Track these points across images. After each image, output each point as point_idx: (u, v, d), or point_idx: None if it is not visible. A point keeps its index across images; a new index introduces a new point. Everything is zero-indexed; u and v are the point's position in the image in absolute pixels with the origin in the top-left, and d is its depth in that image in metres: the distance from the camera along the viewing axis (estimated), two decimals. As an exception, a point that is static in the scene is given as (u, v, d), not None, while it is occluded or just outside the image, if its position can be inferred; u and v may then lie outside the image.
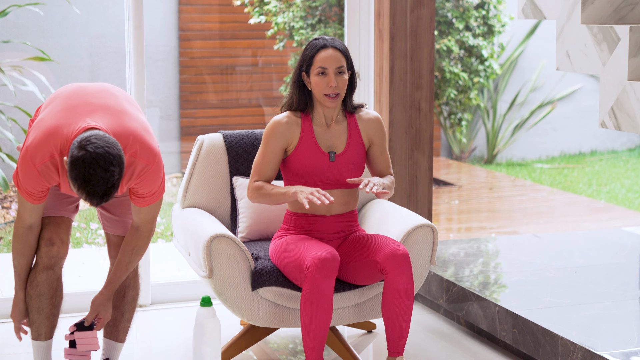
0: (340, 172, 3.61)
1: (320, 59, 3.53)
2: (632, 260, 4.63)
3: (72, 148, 2.99)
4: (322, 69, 3.52)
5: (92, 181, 2.94)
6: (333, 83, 3.52)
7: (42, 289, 3.33)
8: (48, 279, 3.33)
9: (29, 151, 3.10)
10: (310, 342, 3.41)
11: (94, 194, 2.97)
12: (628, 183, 8.73)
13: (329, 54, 3.53)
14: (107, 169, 2.95)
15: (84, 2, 5.75)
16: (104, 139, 3.00)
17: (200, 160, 3.98)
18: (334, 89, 3.52)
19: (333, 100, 3.54)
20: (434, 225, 3.75)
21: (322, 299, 3.37)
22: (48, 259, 3.32)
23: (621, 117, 3.54)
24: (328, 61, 3.52)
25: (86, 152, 2.95)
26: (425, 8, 4.65)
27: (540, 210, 7.69)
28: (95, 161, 2.94)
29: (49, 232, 3.33)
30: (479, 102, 8.54)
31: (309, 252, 3.43)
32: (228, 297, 3.56)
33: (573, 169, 9.40)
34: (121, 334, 3.48)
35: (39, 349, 3.40)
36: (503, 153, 9.91)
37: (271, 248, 3.67)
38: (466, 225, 7.19)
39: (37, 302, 3.33)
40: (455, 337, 4.21)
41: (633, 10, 3.74)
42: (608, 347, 3.45)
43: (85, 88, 3.32)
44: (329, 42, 3.55)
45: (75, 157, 2.96)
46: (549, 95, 9.99)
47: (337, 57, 3.53)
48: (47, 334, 3.38)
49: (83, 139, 2.99)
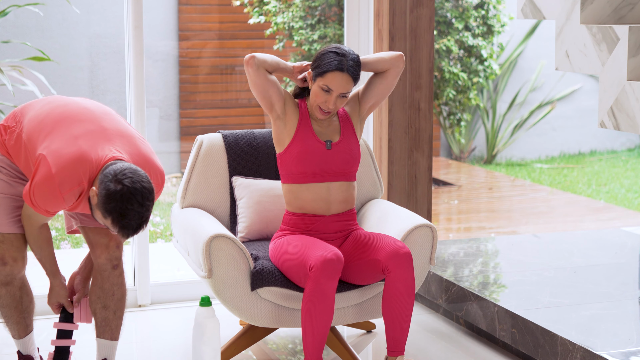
0: (337, 162, 3.63)
1: (330, 79, 3.50)
2: (632, 260, 4.63)
3: (105, 180, 3.04)
4: (328, 88, 3.52)
5: (128, 215, 3.01)
6: (331, 106, 3.54)
7: (5, 301, 3.46)
8: (8, 292, 3.45)
9: (56, 180, 3.10)
10: (310, 343, 3.41)
11: (128, 227, 3.04)
12: (627, 183, 8.73)
13: (342, 79, 3.50)
14: (143, 204, 3.02)
15: (84, 2, 5.75)
16: (138, 172, 3.05)
17: (200, 160, 3.98)
18: (329, 109, 3.55)
19: (323, 114, 3.58)
20: (433, 225, 3.76)
21: (324, 300, 3.37)
22: (3, 276, 3.41)
23: (620, 117, 3.54)
24: (336, 85, 3.51)
25: (123, 186, 3.01)
26: (424, 8, 4.65)
27: (539, 210, 7.69)
28: (133, 196, 3.00)
29: (1, 250, 3.39)
30: (479, 102, 8.54)
31: (312, 252, 3.42)
32: (227, 297, 3.56)
33: (572, 169, 9.40)
34: (114, 332, 3.49)
35: (18, 344, 3.59)
36: (502, 153, 9.91)
37: (271, 248, 3.67)
38: (465, 225, 7.19)
39: (4, 311, 3.49)
40: (454, 337, 4.21)
41: (632, 10, 3.74)
42: (607, 347, 3.45)
43: (87, 108, 3.31)
44: (347, 66, 3.49)
45: (112, 191, 3.00)
46: (549, 95, 9.99)
47: (347, 84, 3.51)
48: (22, 333, 3.55)
49: (118, 173, 3.03)
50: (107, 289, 3.45)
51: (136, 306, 4.56)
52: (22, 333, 3.54)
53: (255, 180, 3.99)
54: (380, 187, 4.18)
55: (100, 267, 3.45)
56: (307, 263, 3.41)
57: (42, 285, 3.62)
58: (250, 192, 3.95)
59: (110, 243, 3.45)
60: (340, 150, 3.64)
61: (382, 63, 3.66)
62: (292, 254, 3.51)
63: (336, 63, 3.49)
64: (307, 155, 3.60)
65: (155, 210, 6.55)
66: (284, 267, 3.57)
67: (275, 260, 3.61)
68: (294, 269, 3.52)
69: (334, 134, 3.66)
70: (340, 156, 3.63)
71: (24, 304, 3.49)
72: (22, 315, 3.50)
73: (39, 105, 3.35)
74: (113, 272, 3.45)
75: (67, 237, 5.94)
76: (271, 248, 3.67)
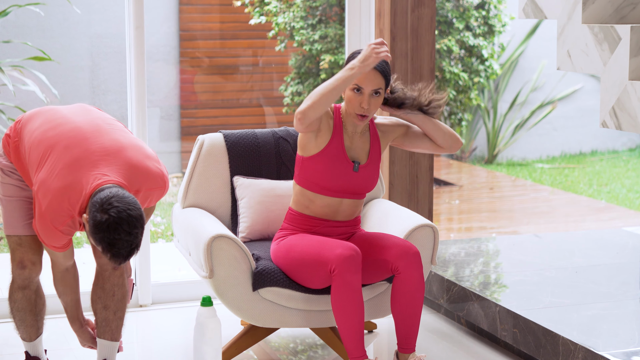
0: (359, 183, 3.58)
1: (360, 76, 3.39)
2: (633, 260, 4.62)
3: (92, 210, 3.03)
4: (359, 87, 3.42)
5: (117, 245, 3.01)
6: (365, 105, 3.42)
7: (20, 305, 3.48)
8: (24, 296, 3.47)
9: (46, 217, 3.12)
10: (350, 339, 3.39)
11: (118, 256, 3.04)
12: (629, 183, 8.72)
13: (370, 74, 3.41)
14: (130, 232, 3.01)
15: (85, 2, 5.75)
16: (125, 200, 3.03)
17: (201, 160, 3.97)
18: (365, 110, 3.43)
19: (361, 119, 3.46)
20: (434, 225, 3.75)
21: (354, 295, 3.36)
22: (22, 280, 3.44)
23: (622, 116, 3.54)
24: (365, 81, 3.41)
25: (109, 216, 3.00)
26: (426, 8, 4.65)
27: (540, 210, 7.69)
28: (119, 226, 2.99)
29: (20, 253, 3.41)
30: (480, 102, 8.53)
31: (328, 252, 3.40)
32: (229, 297, 3.56)
33: (574, 169, 9.39)
34: (115, 332, 3.49)
35: (28, 347, 3.60)
36: (504, 153, 9.91)
37: (274, 249, 3.66)
38: (467, 225, 7.19)
39: (18, 315, 3.50)
40: (455, 337, 4.21)
41: (634, 9, 3.74)
42: (609, 347, 3.45)
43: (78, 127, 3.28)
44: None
45: (98, 222, 3.00)
46: (550, 95, 9.98)
47: (376, 79, 3.41)
48: (34, 336, 3.56)
49: (104, 202, 3.01)
50: (107, 289, 3.46)
51: (137, 306, 4.55)
52: (33, 336, 3.55)
53: (256, 180, 3.99)
54: (382, 187, 4.17)
55: (102, 267, 3.46)
56: (326, 264, 3.39)
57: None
58: (252, 192, 3.95)
59: None
60: (366, 175, 3.59)
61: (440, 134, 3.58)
62: (303, 254, 3.49)
63: None
64: (333, 173, 3.53)
65: (157, 210, 6.55)
66: (290, 268, 3.56)
67: (279, 260, 3.60)
68: (304, 269, 3.50)
69: (362, 153, 3.59)
70: (364, 180, 3.59)
71: (38, 307, 3.51)
72: (35, 318, 3.51)
73: (37, 123, 3.34)
74: (114, 272, 3.45)
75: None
76: (274, 249, 3.65)
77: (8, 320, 4.27)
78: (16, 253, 3.41)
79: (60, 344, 4.06)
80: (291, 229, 3.65)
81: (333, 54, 6.85)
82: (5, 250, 5.82)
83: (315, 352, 4.03)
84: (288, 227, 3.67)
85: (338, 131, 3.53)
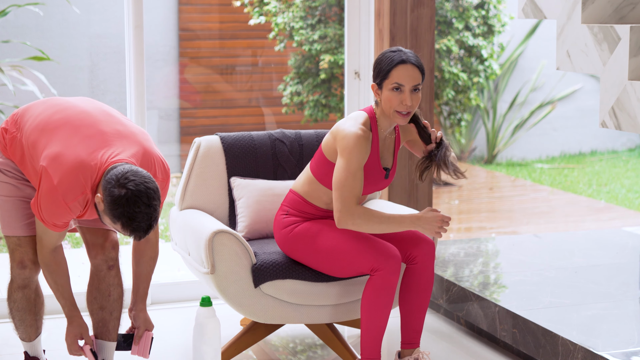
0: (383, 186, 3.59)
1: (397, 74, 3.35)
2: (633, 260, 4.62)
3: (109, 187, 3.02)
4: (398, 85, 3.37)
5: (137, 218, 3.00)
6: (409, 102, 3.37)
7: (20, 305, 3.46)
8: (24, 295, 3.45)
9: (59, 190, 3.09)
10: (371, 338, 3.41)
11: (138, 229, 3.02)
12: (628, 183, 8.72)
13: (408, 70, 3.36)
14: (150, 204, 3.01)
15: (84, 2, 5.75)
16: (140, 173, 3.03)
17: (198, 162, 3.98)
18: (408, 107, 3.39)
19: (404, 117, 3.40)
20: (434, 225, 3.75)
21: (390, 297, 3.38)
22: (22, 280, 3.42)
23: (622, 116, 3.54)
24: (406, 78, 3.36)
25: (127, 190, 2.99)
26: (425, 8, 4.65)
27: (540, 210, 7.69)
28: (139, 198, 2.99)
29: (19, 253, 3.38)
30: (479, 102, 8.54)
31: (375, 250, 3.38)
32: (230, 293, 3.56)
33: (573, 169, 9.40)
34: (112, 332, 3.49)
35: (27, 347, 3.58)
36: (503, 153, 9.91)
37: (288, 236, 3.55)
38: (466, 226, 7.19)
39: (18, 315, 3.47)
40: (455, 337, 4.20)
41: (633, 9, 3.74)
42: (608, 347, 3.44)
43: (86, 111, 3.28)
44: (409, 57, 3.38)
45: (116, 197, 2.99)
46: (549, 95, 9.98)
47: (415, 74, 3.37)
48: (33, 336, 3.54)
49: (120, 177, 3.01)
50: (103, 289, 3.45)
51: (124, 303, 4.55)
52: (32, 336, 3.54)
53: (253, 181, 3.99)
54: (381, 187, 4.17)
55: (96, 267, 3.45)
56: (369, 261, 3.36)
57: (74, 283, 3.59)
58: (249, 191, 3.95)
59: (106, 244, 3.45)
60: (390, 178, 3.60)
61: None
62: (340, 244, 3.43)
63: (397, 57, 3.37)
64: (368, 183, 3.50)
65: (156, 211, 6.55)
66: (314, 253, 3.49)
67: (298, 245, 3.52)
68: (335, 257, 3.45)
69: (389, 155, 3.56)
70: (388, 182, 3.59)
71: (37, 306, 3.49)
72: (35, 317, 3.50)
73: (38, 110, 3.32)
74: (109, 272, 3.45)
75: (67, 236, 5.94)
76: (288, 236, 3.55)
77: (8, 320, 4.27)
78: (16, 253, 3.39)
79: (59, 344, 4.06)
80: (299, 215, 3.58)
81: (332, 54, 6.86)
82: (4, 251, 5.82)
83: (315, 352, 4.02)
84: (295, 213, 3.58)
85: (375, 142, 3.47)
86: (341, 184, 3.34)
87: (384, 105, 3.41)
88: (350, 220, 3.35)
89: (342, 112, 6.90)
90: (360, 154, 3.35)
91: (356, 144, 3.34)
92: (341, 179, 3.35)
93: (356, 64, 4.80)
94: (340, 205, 3.35)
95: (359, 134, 3.35)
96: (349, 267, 3.45)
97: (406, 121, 3.41)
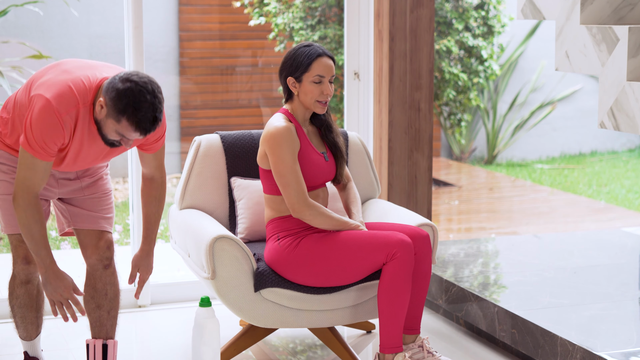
0: (329, 169, 3.68)
1: (318, 67, 3.54)
2: (632, 260, 4.63)
3: (112, 86, 3.05)
4: (320, 77, 3.54)
5: (143, 108, 3.02)
6: (330, 91, 3.56)
7: (22, 301, 3.47)
8: (27, 291, 3.46)
9: (52, 103, 3.09)
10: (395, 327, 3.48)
11: (144, 120, 3.04)
12: (628, 183, 8.73)
13: (327, 63, 3.56)
14: (155, 96, 3.05)
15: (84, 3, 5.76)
16: (143, 73, 3.10)
17: (198, 162, 3.97)
18: (327, 96, 3.57)
19: (324, 106, 3.58)
20: (434, 225, 3.76)
21: (409, 281, 3.47)
22: (25, 275, 3.43)
23: (620, 117, 3.54)
24: (326, 70, 3.55)
25: (132, 82, 3.04)
26: (424, 8, 4.65)
27: (540, 211, 7.69)
28: (144, 88, 3.03)
29: (22, 250, 3.39)
30: (479, 102, 8.54)
31: (388, 237, 3.45)
32: (231, 298, 3.56)
33: (573, 170, 9.40)
34: (110, 331, 3.50)
35: (27, 346, 3.59)
36: (503, 153, 9.91)
37: (291, 254, 3.55)
38: (466, 226, 7.19)
39: (20, 312, 3.48)
40: (454, 337, 4.21)
41: (632, 10, 3.74)
42: (607, 348, 3.45)
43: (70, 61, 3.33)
44: (325, 51, 3.58)
45: (122, 89, 3.03)
46: (549, 96, 9.99)
47: (332, 66, 3.57)
48: (34, 335, 3.55)
49: (123, 75, 3.06)
50: (99, 288, 3.46)
51: (136, 307, 4.56)
52: (33, 334, 3.54)
53: (254, 181, 3.99)
54: (377, 187, 4.18)
55: (92, 267, 3.46)
56: (385, 248, 3.43)
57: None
58: (250, 192, 3.95)
59: (100, 243, 3.46)
60: (331, 160, 3.69)
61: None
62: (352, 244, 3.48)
63: (314, 51, 3.56)
64: (315, 170, 3.59)
65: (156, 211, 6.56)
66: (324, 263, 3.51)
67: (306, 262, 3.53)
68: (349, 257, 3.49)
69: (319, 143, 3.69)
70: (330, 164, 3.67)
71: (39, 303, 3.50)
72: (36, 314, 3.50)
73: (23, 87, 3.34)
74: (105, 271, 3.46)
75: (67, 238, 5.94)
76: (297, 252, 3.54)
77: (8, 320, 4.27)
78: (19, 249, 3.40)
79: (58, 344, 4.06)
80: (290, 234, 3.58)
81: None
82: (4, 251, 5.82)
83: (315, 352, 4.03)
84: (285, 233, 3.58)
85: (301, 133, 3.61)
86: (285, 179, 3.49)
87: (303, 97, 3.57)
88: (308, 210, 3.50)
89: (342, 112, 6.90)
90: (289, 145, 3.50)
91: (283, 137, 3.49)
92: (283, 174, 3.49)
93: (356, 65, 4.80)
94: (295, 199, 3.49)
95: (282, 127, 3.51)
96: (365, 262, 3.48)
97: (325, 110, 3.59)
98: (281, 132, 3.49)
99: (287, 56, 3.59)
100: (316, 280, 3.55)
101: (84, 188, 3.47)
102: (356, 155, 4.14)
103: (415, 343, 3.63)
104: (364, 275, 3.55)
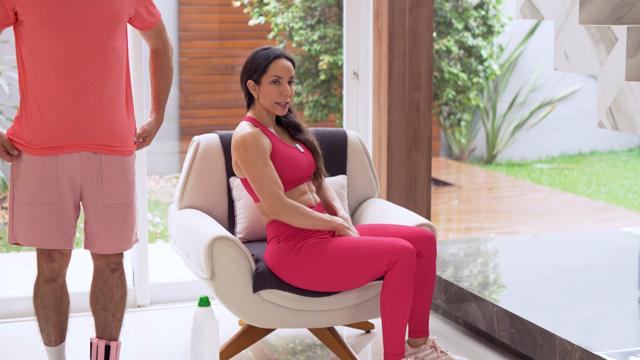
0: (308, 162, 3.69)
1: (275, 68, 3.57)
2: (631, 260, 4.63)
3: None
4: (277, 78, 3.57)
5: None
6: (288, 92, 3.59)
7: (46, 300, 3.40)
8: (51, 290, 3.40)
9: None
10: (397, 334, 3.47)
11: None
12: (627, 183, 8.73)
13: (285, 64, 3.59)
14: None
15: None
16: None
17: (197, 161, 3.98)
18: (286, 97, 3.59)
19: (284, 108, 3.61)
20: (433, 225, 3.76)
21: (412, 287, 3.47)
22: (49, 272, 3.37)
23: (619, 117, 3.54)
24: (283, 70, 3.58)
25: None
26: (423, 8, 4.65)
27: (539, 211, 7.69)
28: None
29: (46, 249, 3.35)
30: (478, 102, 8.54)
31: (390, 244, 3.44)
32: (229, 299, 3.56)
33: (572, 169, 9.40)
34: (114, 333, 3.49)
35: (51, 353, 3.49)
36: (503, 153, 9.92)
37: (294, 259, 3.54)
38: (465, 226, 7.20)
39: (43, 313, 3.41)
40: (453, 337, 4.21)
41: (631, 10, 3.75)
42: (606, 347, 3.45)
43: None
44: (283, 52, 3.62)
45: None
46: (549, 96, 9.99)
47: (290, 67, 3.60)
48: (57, 340, 3.47)
49: None
50: (106, 291, 3.45)
51: (135, 306, 4.56)
52: (57, 339, 3.46)
53: (254, 181, 3.99)
54: (376, 187, 4.18)
55: (99, 269, 3.44)
56: (386, 255, 3.42)
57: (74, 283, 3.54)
58: (249, 192, 3.95)
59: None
60: (306, 151, 3.71)
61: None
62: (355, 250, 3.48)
63: (272, 53, 3.59)
64: (293, 164, 3.61)
65: (155, 211, 6.56)
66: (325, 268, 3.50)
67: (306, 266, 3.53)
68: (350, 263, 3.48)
69: (289, 139, 3.72)
70: (307, 156, 3.70)
71: (63, 305, 3.44)
72: (60, 317, 3.44)
73: None
74: (112, 275, 3.44)
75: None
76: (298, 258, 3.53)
77: (8, 320, 4.28)
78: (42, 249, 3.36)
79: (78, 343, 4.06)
80: (291, 236, 3.57)
81: (332, 54, 6.86)
82: (4, 251, 5.83)
83: (314, 352, 4.03)
84: (286, 236, 3.57)
85: (270, 134, 3.62)
86: (258, 183, 3.51)
87: (263, 99, 3.61)
88: (285, 211, 3.50)
89: (341, 112, 6.91)
90: (257, 151, 3.52)
91: (248, 143, 3.52)
92: (257, 179, 3.51)
93: (355, 65, 4.80)
94: (271, 201, 3.50)
95: (246, 134, 3.54)
96: (367, 270, 3.47)
97: (285, 111, 3.62)
98: (246, 139, 3.52)
99: (247, 60, 3.64)
100: (317, 286, 3.55)
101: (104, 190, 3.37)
102: (355, 155, 4.14)
103: (427, 344, 3.64)
104: (366, 282, 3.55)
